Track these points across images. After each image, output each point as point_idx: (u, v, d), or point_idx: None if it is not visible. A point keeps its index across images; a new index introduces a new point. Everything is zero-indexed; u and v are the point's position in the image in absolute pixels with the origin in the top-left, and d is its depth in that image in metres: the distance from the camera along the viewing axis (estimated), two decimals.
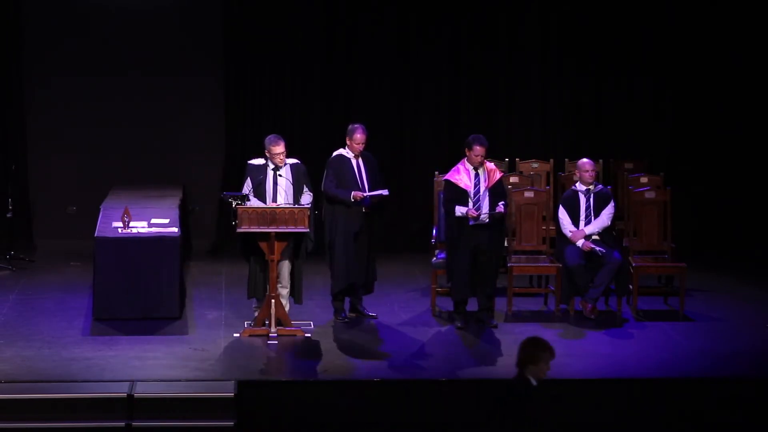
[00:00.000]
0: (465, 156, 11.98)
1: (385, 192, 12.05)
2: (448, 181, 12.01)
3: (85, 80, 15.83)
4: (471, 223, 11.82)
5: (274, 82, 15.79)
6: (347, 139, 12.11)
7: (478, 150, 11.88)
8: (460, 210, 11.85)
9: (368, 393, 10.25)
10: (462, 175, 11.94)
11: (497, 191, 11.95)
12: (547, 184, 14.13)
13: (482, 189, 11.89)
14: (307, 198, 11.79)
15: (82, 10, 15.85)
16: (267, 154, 11.74)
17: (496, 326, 11.96)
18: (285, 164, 11.74)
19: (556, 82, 15.87)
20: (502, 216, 11.92)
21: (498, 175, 12.03)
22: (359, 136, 12.06)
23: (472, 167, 11.95)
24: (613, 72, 15.86)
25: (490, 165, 12.07)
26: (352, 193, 11.92)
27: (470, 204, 11.86)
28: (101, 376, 10.34)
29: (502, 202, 11.89)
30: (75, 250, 14.93)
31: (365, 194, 11.94)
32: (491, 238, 11.90)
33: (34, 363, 10.72)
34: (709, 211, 15.72)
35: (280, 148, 11.69)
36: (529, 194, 13.06)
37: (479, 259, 11.89)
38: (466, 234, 11.84)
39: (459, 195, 11.90)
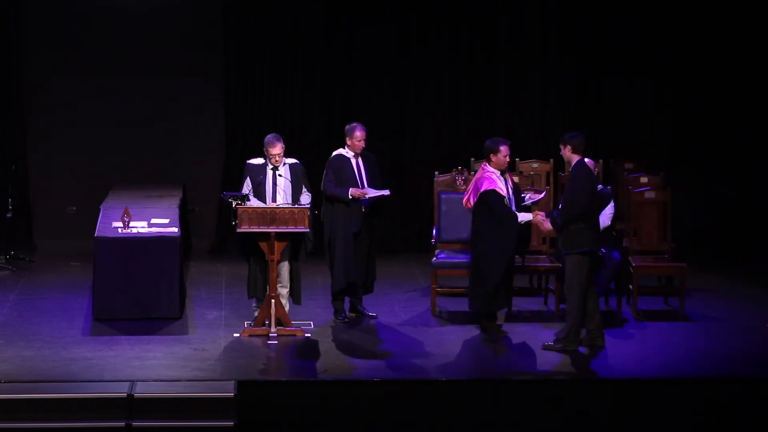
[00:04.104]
0: (487, 162, 11.56)
1: (386, 192, 12.04)
2: (495, 192, 11.45)
3: (85, 80, 15.83)
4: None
5: (274, 82, 15.79)
6: (347, 139, 12.09)
7: (506, 149, 11.58)
8: (526, 216, 11.48)
9: (368, 393, 10.24)
10: (498, 182, 11.55)
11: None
12: (547, 184, 14.13)
13: (511, 193, 11.74)
14: (306, 198, 11.78)
15: (82, 10, 15.85)
16: (266, 154, 11.75)
17: (505, 334, 11.87)
18: (284, 164, 11.74)
19: (556, 82, 15.87)
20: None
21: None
22: (360, 134, 12.03)
23: (498, 172, 11.61)
24: (613, 72, 15.86)
25: None
26: (350, 190, 11.92)
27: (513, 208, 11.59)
28: (101, 376, 10.34)
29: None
30: (75, 250, 14.94)
31: (367, 195, 11.93)
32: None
33: (34, 363, 10.71)
34: (709, 211, 15.71)
35: (276, 150, 11.67)
36: None
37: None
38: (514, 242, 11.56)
39: (505, 202, 11.54)
